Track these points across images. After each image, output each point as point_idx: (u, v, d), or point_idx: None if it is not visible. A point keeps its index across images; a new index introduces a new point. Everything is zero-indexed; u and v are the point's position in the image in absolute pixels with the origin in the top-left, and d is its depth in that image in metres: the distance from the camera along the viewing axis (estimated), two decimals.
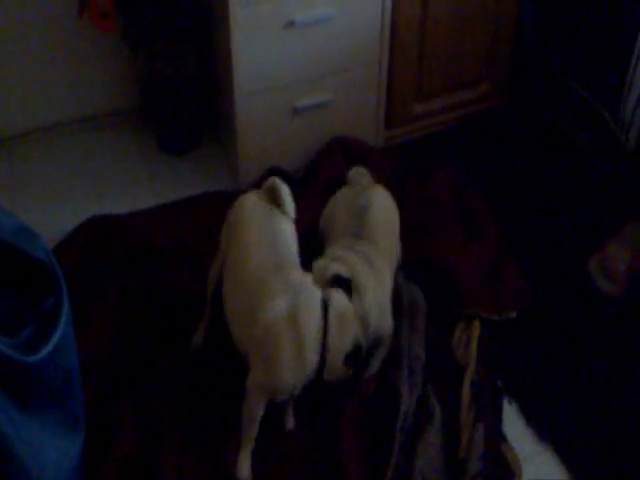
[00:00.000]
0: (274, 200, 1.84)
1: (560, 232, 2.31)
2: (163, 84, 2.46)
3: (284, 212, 1.82)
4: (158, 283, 2.15)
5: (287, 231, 1.81)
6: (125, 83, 2.68)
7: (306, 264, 1.79)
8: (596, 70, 2.51)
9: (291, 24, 2.23)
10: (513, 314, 2.08)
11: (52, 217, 2.38)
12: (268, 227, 1.78)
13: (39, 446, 1.38)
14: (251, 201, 1.86)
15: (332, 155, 2.47)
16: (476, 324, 2.03)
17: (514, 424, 1.89)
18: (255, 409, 1.71)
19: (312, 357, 1.62)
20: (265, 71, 2.29)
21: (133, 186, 2.51)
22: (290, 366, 1.63)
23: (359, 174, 2.12)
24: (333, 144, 2.49)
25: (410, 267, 2.14)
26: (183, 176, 2.54)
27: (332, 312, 1.64)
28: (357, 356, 1.66)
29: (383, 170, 2.45)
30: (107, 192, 2.49)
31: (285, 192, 1.84)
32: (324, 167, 2.44)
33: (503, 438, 1.84)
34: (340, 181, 2.36)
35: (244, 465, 1.75)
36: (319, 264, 1.78)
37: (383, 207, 2.00)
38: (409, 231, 2.25)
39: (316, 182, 2.41)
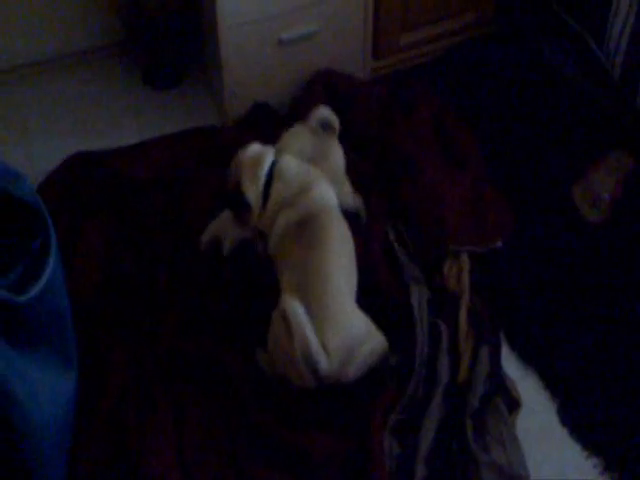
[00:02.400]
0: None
1: (544, 161, 2.31)
2: (147, 17, 2.41)
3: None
4: (141, 218, 2.16)
5: None
6: (109, 17, 2.61)
7: None
8: None
9: None
10: (499, 243, 2.09)
11: (35, 154, 2.36)
12: None
13: (33, 383, 1.42)
14: None
15: (315, 90, 2.44)
16: (464, 257, 2.04)
17: None
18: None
19: None
20: (250, 2, 2.23)
21: (117, 121, 2.49)
22: None
23: (321, 116, 2.09)
24: (317, 78, 2.46)
25: (394, 209, 2.17)
26: (168, 111, 2.51)
27: None
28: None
29: (368, 103, 2.44)
30: (91, 128, 2.47)
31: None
32: (307, 103, 2.42)
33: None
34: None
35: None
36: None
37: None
38: (392, 166, 2.27)
39: (299, 118, 2.39)
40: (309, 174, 1.91)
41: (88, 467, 1.68)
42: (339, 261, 1.79)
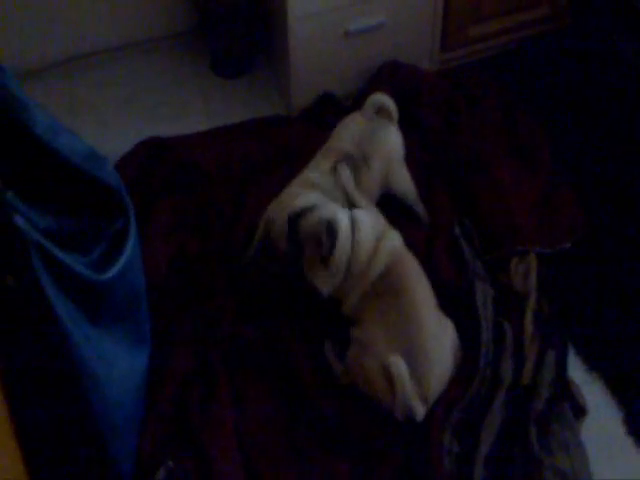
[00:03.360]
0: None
1: (618, 161, 2.26)
2: (218, 7, 2.45)
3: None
4: (206, 204, 2.19)
5: None
6: (180, 5, 2.66)
7: None
8: None
9: None
10: (567, 244, 2.05)
11: (108, 139, 2.41)
12: None
13: (109, 358, 1.47)
14: None
15: (382, 81, 2.44)
16: (532, 258, 2.01)
17: None
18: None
19: None
20: None
21: (186, 109, 2.54)
22: None
23: (377, 102, 2.07)
24: (383, 69, 2.46)
25: (460, 203, 2.15)
26: (236, 99, 2.55)
27: None
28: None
29: (434, 95, 2.43)
30: (161, 115, 2.52)
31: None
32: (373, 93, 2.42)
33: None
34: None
35: None
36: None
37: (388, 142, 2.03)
38: (458, 159, 2.25)
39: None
40: (377, 224, 1.87)
41: (152, 445, 1.72)
42: (426, 301, 1.80)
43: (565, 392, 1.80)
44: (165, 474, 1.65)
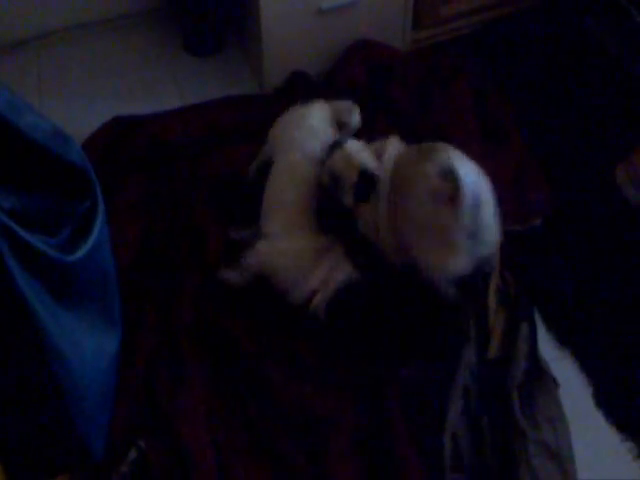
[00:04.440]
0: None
1: (586, 139, 2.28)
2: None
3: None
4: (176, 182, 2.18)
5: None
6: None
7: None
8: None
9: None
10: (537, 222, 2.07)
11: (76, 117, 2.38)
12: None
13: (78, 339, 1.47)
14: None
15: (354, 59, 2.44)
16: None
17: None
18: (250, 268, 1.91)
19: None
20: None
21: (157, 87, 2.51)
22: None
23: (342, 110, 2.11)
24: (355, 48, 2.45)
25: None
26: (207, 78, 2.53)
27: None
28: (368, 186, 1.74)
29: (406, 74, 2.43)
30: (131, 93, 2.49)
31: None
32: (344, 72, 2.42)
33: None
34: (358, 87, 2.36)
35: None
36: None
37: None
38: (428, 139, 2.25)
39: (335, 87, 2.39)
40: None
41: (123, 424, 1.72)
42: None
43: (537, 366, 1.81)
44: (136, 454, 1.65)
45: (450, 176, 1.66)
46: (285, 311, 1.87)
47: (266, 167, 2.03)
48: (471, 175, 1.70)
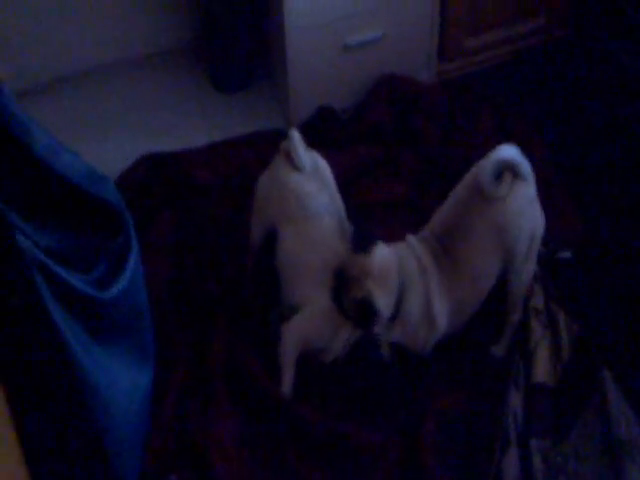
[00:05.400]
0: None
1: (617, 169, 2.27)
2: (216, 22, 2.47)
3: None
4: (206, 219, 2.21)
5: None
6: (179, 21, 2.69)
7: None
8: None
9: None
10: (567, 254, 2.05)
11: (107, 155, 2.42)
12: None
13: (113, 375, 1.48)
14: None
15: (379, 94, 2.46)
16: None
17: None
18: (290, 351, 1.80)
19: None
20: (316, 7, 2.27)
21: (186, 124, 2.55)
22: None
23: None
24: (381, 82, 2.47)
25: None
26: (235, 114, 2.57)
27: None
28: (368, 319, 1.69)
29: (431, 107, 2.44)
30: (161, 130, 2.53)
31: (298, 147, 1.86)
32: (370, 108, 2.44)
33: None
34: (384, 122, 2.38)
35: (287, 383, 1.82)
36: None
37: None
38: (455, 173, 2.26)
39: (361, 125, 2.42)
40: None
41: (156, 459, 1.74)
42: None
43: None
44: None
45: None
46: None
47: (272, 236, 1.92)
48: None
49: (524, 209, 1.77)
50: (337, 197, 1.92)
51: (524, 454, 1.70)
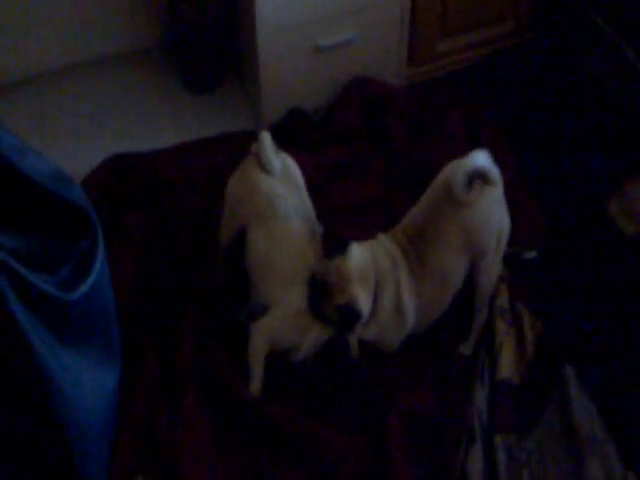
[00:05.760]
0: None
1: (581, 172, 2.31)
2: (187, 23, 2.46)
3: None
4: (174, 220, 2.20)
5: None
6: (149, 21, 2.67)
7: None
8: (622, 6, 2.46)
9: None
10: (533, 254, 2.08)
11: (76, 155, 2.41)
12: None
13: (79, 376, 1.47)
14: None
15: (350, 96, 2.47)
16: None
17: None
18: (259, 350, 1.81)
19: None
20: (287, 9, 2.27)
21: (156, 124, 2.54)
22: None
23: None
24: (352, 84, 2.49)
25: None
26: (205, 115, 2.56)
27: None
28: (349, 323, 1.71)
29: (401, 110, 2.46)
30: (131, 130, 2.52)
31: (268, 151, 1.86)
32: (341, 110, 2.45)
33: None
34: (355, 125, 2.40)
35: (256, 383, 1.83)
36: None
37: None
38: (423, 174, 2.28)
39: (332, 126, 2.43)
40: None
41: (123, 461, 1.73)
42: None
43: None
44: None
45: None
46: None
47: (241, 235, 1.92)
48: None
49: (492, 212, 1.81)
50: (307, 199, 1.94)
51: (489, 449, 1.73)
